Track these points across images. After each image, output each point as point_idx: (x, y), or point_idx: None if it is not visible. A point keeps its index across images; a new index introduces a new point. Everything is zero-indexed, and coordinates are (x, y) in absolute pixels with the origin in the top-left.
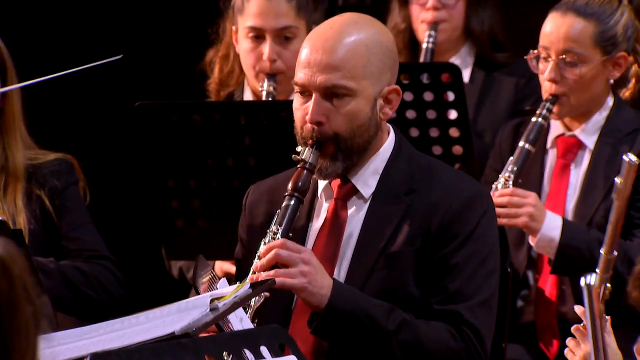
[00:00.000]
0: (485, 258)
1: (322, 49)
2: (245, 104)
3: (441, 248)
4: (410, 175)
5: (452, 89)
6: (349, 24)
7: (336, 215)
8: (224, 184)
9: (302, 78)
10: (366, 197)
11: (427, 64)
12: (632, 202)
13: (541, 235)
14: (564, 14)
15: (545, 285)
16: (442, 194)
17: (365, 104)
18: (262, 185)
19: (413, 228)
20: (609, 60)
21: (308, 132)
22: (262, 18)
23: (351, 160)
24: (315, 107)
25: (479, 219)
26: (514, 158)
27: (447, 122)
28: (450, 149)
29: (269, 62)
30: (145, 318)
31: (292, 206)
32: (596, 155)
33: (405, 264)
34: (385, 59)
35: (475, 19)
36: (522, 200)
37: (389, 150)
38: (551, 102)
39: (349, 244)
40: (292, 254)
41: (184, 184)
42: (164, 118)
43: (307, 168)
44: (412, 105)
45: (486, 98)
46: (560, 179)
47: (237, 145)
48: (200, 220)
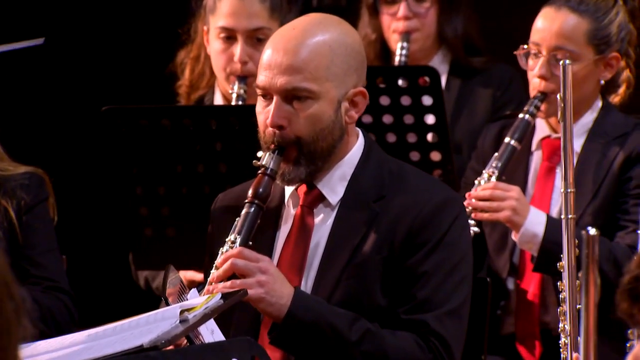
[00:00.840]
0: (456, 265)
1: (283, 50)
2: (216, 108)
3: (409, 255)
4: (380, 181)
5: (429, 93)
6: (313, 24)
7: (302, 223)
8: (194, 191)
9: (263, 80)
10: (333, 204)
11: (404, 67)
12: (618, 205)
13: (524, 230)
14: (558, 9)
15: (527, 291)
16: (411, 200)
17: (328, 106)
18: (230, 193)
19: (380, 236)
20: (601, 60)
21: (269, 136)
22: (234, 18)
23: (314, 164)
24: (276, 111)
25: (449, 224)
26: (498, 154)
27: (424, 126)
28: (427, 154)
29: (239, 63)
30: (113, 330)
31: (252, 213)
32: (583, 158)
33: (372, 273)
34: (350, 60)
35: (447, 25)
36: (505, 193)
37: (357, 155)
38: (539, 100)
39: (316, 253)
40: (248, 263)
41: (153, 191)
42: (132, 123)
43: (267, 174)
44: (389, 110)
45: (462, 108)
46: (545, 181)
47: (207, 151)
48: (170, 228)
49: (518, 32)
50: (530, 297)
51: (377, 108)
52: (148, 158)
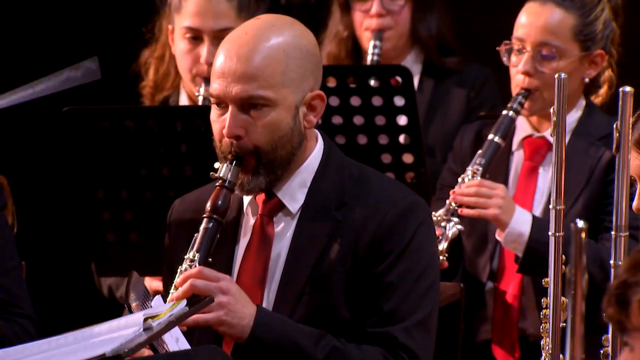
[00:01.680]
0: (422, 273)
1: (236, 57)
2: (182, 109)
3: (374, 266)
4: (341, 187)
5: (401, 93)
6: (265, 27)
7: (262, 233)
8: (158, 195)
9: (217, 89)
10: (293, 212)
11: (375, 67)
12: (601, 206)
13: (510, 229)
14: (543, 4)
15: (506, 296)
16: (373, 206)
17: (285, 113)
18: (187, 198)
19: (343, 246)
20: (586, 57)
21: (226, 146)
22: (200, 18)
23: (274, 173)
24: (232, 120)
25: (413, 231)
26: (482, 150)
27: (396, 128)
28: (400, 156)
29: (206, 65)
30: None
31: (210, 229)
32: (566, 158)
33: (335, 285)
34: (306, 64)
35: (421, 24)
36: (491, 191)
37: (316, 159)
38: (523, 96)
39: (277, 264)
40: (208, 283)
41: (116, 195)
42: (94, 124)
43: (225, 186)
44: (360, 111)
45: (435, 109)
46: (527, 181)
47: (172, 153)
48: (133, 233)
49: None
50: (509, 301)
51: (347, 109)
52: (110, 160)
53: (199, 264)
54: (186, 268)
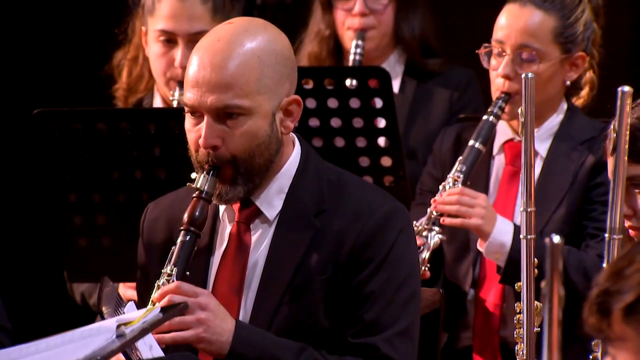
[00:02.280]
0: (403, 282)
1: (210, 66)
2: (155, 111)
3: (354, 275)
4: (319, 194)
5: (380, 95)
6: (238, 33)
7: (239, 240)
8: (131, 199)
9: (191, 98)
10: (270, 219)
11: (353, 68)
12: (585, 212)
13: (492, 239)
14: (523, 5)
15: (487, 303)
16: (353, 214)
17: (262, 120)
18: (161, 202)
19: (323, 254)
20: (567, 59)
21: (203, 156)
22: (174, 21)
23: (252, 182)
24: (208, 131)
25: (394, 239)
26: (462, 157)
27: (374, 130)
28: (378, 160)
29: (180, 68)
30: (46, 345)
31: (188, 242)
32: (548, 162)
33: (315, 294)
34: (282, 68)
35: (405, 24)
36: (473, 200)
37: (294, 165)
38: (503, 100)
39: (254, 272)
40: (187, 299)
41: (88, 199)
42: (65, 126)
43: (203, 197)
44: (337, 113)
45: (417, 112)
46: (508, 186)
47: (145, 156)
48: (105, 238)
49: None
50: (490, 309)
51: (325, 111)
52: (82, 164)
53: (176, 278)
54: (164, 282)
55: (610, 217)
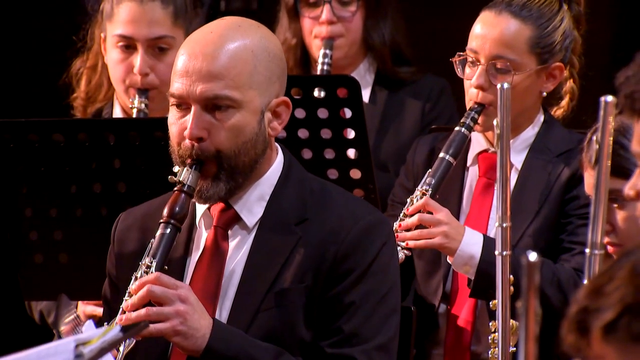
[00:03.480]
0: (385, 295)
1: (201, 55)
2: (115, 122)
3: (335, 284)
4: (301, 202)
5: (349, 105)
6: (231, 27)
7: (216, 246)
8: (90, 213)
9: (180, 88)
10: (250, 225)
11: (321, 77)
12: (560, 226)
13: (460, 252)
14: (498, 14)
15: (459, 319)
16: (335, 223)
17: (251, 117)
18: (134, 212)
19: (303, 262)
20: (543, 70)
21: (186, 149)
22: (133, 25)
23: (235, 181)
24: (195, 121)
25: (377, 250)
26: (432, 169)
27: (343, 142)
28: (347, 172)
29: (140, 75)
30: None
31: (168, 235)
32: (523, 175)
33: (294, 303)
34: (274, 67)
35: (374, 32)
36: (434, 218)
37: (277, 172)
38: (476, 112)
39: (231, 280)
40: (166, 290)
41: (44, 213)
42: (21, 137)
43: (184, 191)
44: (305, 123)
45: (389, 122)
46: (482, 199)
47: (105, 169)
48: (63, 254)
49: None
50: (462, 325)
51: (291, 121)
52: (39, 177)
53: (155, 270)
54: (142, 274)
55: (591, 231)
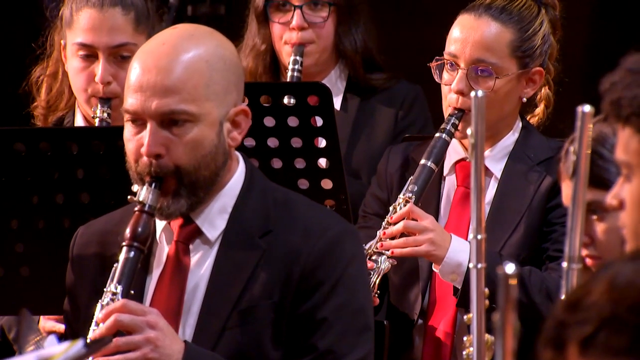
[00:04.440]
0: (359, 309)
1: (155, 69)
2: (78, 130)
3: (305, 300)
4: (265, 213)
5: (320, 113)
6: (184, 37)
7: (177, 262)
8: (52, 225)
9: (134, 104)
10: (212, 239)
11: (292, 84)
12: (544, 235)
13: (447, 259)
14: (478, 17)
15: (437, 332)
16: (302, 234)
17: (209, 129)
18: (93, 225)
19: (270, 277)
20: (524, 75)
21: (144, 166)
22: (94, 33)
23: (196, 195)
24: (152, 138)
25: (347, 262)
26: (414, 177)
27: (314, 151)
28: (318, 182)
29: (101, 84)
30: None
31: (132, 259)
32: (503, 183)
33: (261, 320)
34: (230, 76)
35: (346, 38)
36: (419, 225)
37: (238, 183)
38: (457, 118)
39: (195, 296)
40: (135, 317)
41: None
42: None
43: (146, 211)
44: (274, 132)
45: (361, 130)
46: (461, 209)
47: (68, 179)
48: (24, 267)
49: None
50: (441, 338)
51: (261, 130)
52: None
53: (121, 296)
54: (108, 302)
55: (568, 244)
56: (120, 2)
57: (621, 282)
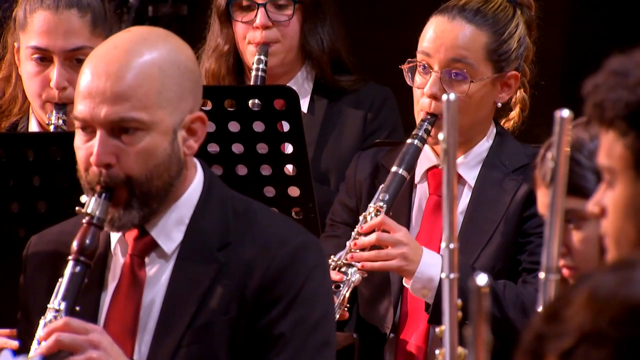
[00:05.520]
0: (317, 323)
1: (105, 75)
2: (33, 136)
3: (262, 315)
4: (224, 225)
5: (286, 118)
6: (136, 41)
7: (133, 276)
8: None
9: (83, 111)
10: (168, 252)
11: (257, 87)
12: (519, 245)
13: (418, 274)
14: (452, 19)
15: (408, 347)
16: (261, 247)
17: (162, 138)
18: (46, 235)
19: (227, 291)
20: (499, 79)
21: (94, 176)
22: (48, 36)
23: (149, 207)
24: (101, 147)
25: (306, 276)
26: (385, 184)
27: (281, 157)
28: (285, 189)
29: (57, 90)
30: None
31: (77, 274)
32: (477, 192)
33: (218, 336)
34: (185, 82)
35: (312, 37)
36: (392, 238)
37: (196, 192)
38: (429, 123)
39: (151, 312)
40: (76, 337)
41: None
42: None
43: (94, 223)
44: (239, 138)
45: (328, 133)
46: (433, 218)
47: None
48: None
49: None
50: (414, 352)
51: (225, 135)
52: None
53: (65, 314)
54: (51, 320)
55: (546, 254)
56: (77, 3)
57: (602, 294)
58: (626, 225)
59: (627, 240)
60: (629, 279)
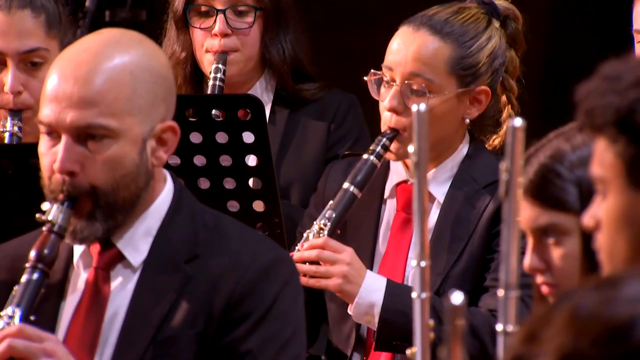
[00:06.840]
0: (287, 342)
1: (72, 78)
2: None
3: (229, 330)
4: (193, 237)
5: (251, 129)
6: (108, 44)
7: (96, 290)
8: None
9: (49, 115)
10: (135, 265)
11: (220, 96)
12: (486, 262)
13: (359, 299)
14: (416, 30)
15: None
16: (230, 261)
17: (130, 147)
18: (3, 250)
19: (194, 305)
20: (465, 94)
21: (57, 184)
22: (1, 38)
23: (114, 219)
24: (65, 153)
25: (277, 292)
26: (333, 202)
27: (245, 170)
28: (249, 204)
29: (11, 94)
30: None
31: (35, 281)
32: (445, 209)
33: (183, 351)
34: (157, 89)
35: (273, 46)
36: (335, 255)
37: (165, 204)
38: (388, 138)
39: (112, 326)
40: (30, 344)
41: None
42: None
43: (54, 231)
44: (201, 149)
45: (290, 145)
46: (400, 236)
47: None
48: None
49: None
50: None
51: (186, 147)
52: None
53: (20, 321)
54: (4, 326)
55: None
56: (30, 4)
57: (584, 314)
58: (617, 239)
59: (619, 255)
60: (612, 298)
